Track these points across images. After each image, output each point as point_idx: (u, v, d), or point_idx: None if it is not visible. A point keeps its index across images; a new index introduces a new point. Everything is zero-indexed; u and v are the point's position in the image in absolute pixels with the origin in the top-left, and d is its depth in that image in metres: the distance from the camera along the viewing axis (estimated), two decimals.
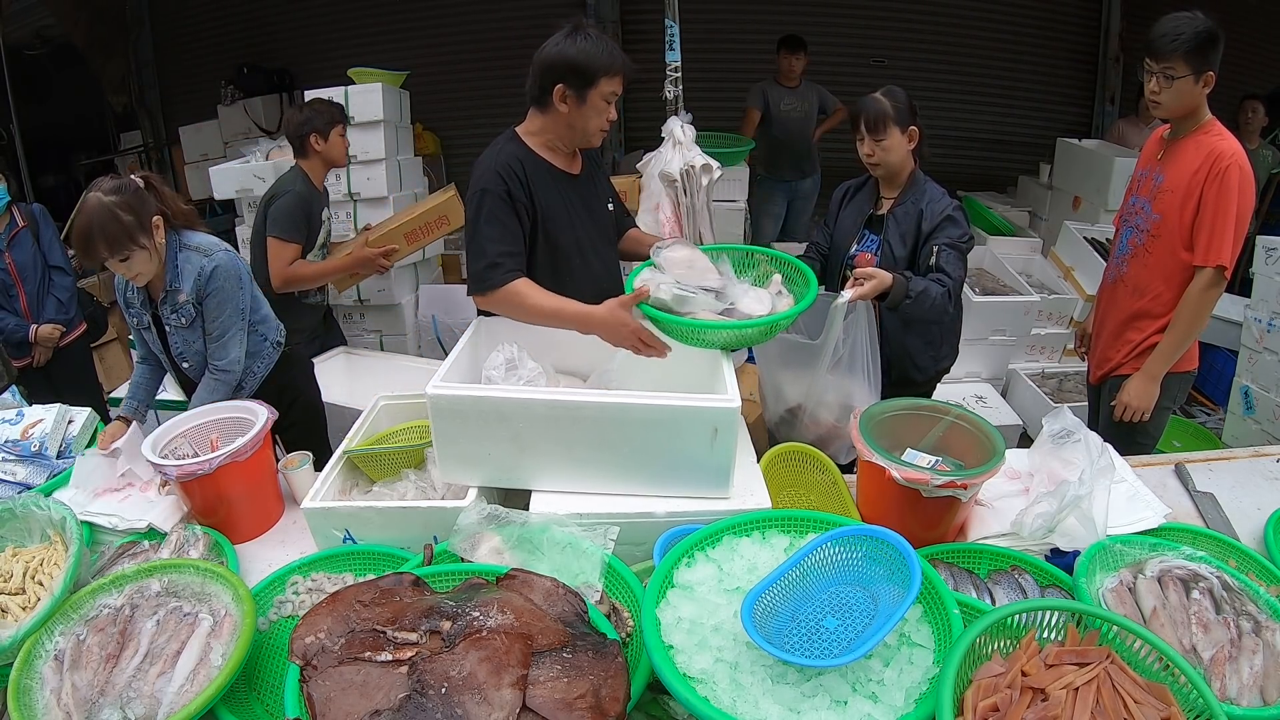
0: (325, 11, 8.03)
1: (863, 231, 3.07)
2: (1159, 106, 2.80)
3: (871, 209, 3.06)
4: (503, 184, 2.47)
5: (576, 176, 2.70)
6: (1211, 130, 2.78)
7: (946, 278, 2.74)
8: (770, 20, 7.37)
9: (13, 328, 3.99)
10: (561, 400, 2.02)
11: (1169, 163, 2.88)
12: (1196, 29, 2.62)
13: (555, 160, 2.63)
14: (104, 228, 2.44)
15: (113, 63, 8.52)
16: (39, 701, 1.61)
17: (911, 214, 2.90)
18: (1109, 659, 1.41)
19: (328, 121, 3.88)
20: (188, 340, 2.77)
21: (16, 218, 4.02)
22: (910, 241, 2.90)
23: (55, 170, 8.44)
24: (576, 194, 2.68)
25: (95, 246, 2.46)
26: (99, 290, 6.09)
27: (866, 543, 1.63)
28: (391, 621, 1.47)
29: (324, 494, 2.19)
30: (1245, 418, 4.36)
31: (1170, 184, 2.84)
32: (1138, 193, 3.03)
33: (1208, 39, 2.63)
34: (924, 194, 2.91)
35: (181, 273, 2.66)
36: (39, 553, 1.99)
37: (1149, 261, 2.94)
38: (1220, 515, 2.30)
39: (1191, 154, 2.78)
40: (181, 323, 2.73)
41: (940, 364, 3.17)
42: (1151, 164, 2.98)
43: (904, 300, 2.64)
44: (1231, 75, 7.27)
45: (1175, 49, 2.65)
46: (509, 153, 2.54)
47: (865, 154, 2.91)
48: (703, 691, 1.41)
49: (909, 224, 2.90)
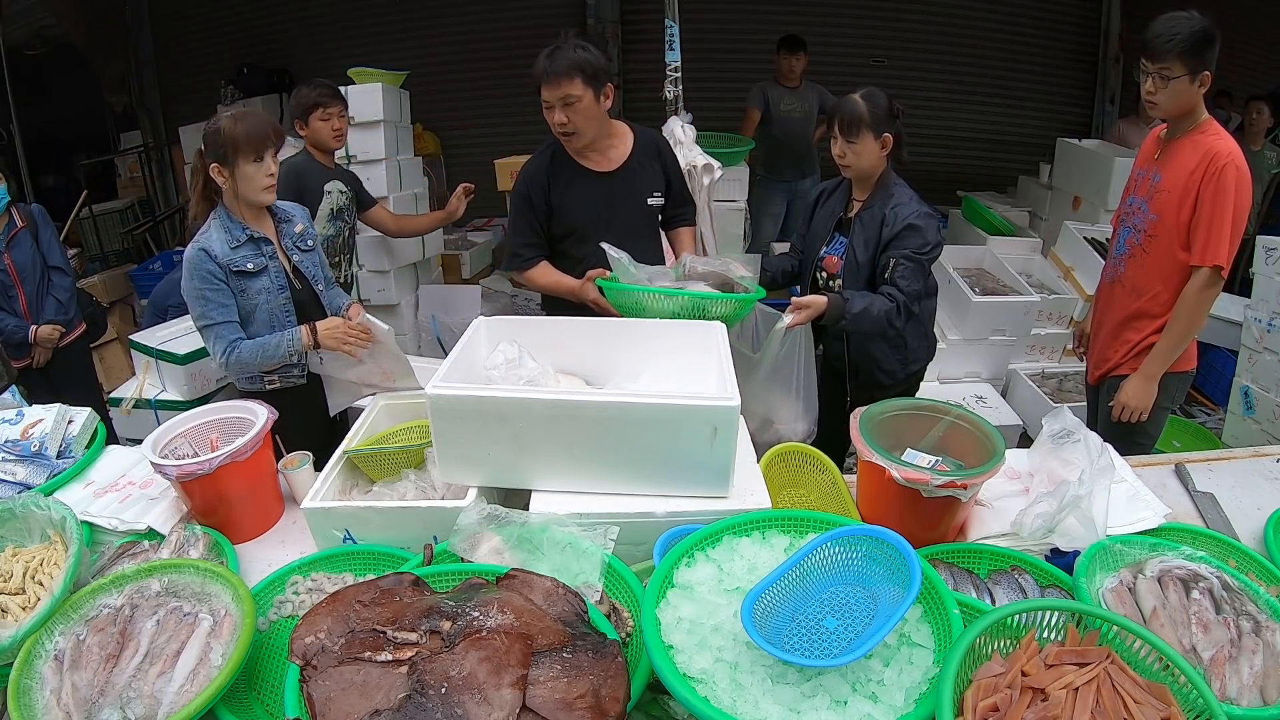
0: (325, 11, 8.04)
1: (833, 234, 3.10)
2: (1155, 107, 2.79)
3: (842, 212, 3.08)
4: (525, 187, 3.06)
5: (609, 174, 3.07)
6: (1208, 130, 2.77)
7: (898, 292, 2.80)
8: (770, 20, 7.38)
9: (12, 328, 3.98)
10: (561, 400, 2.02)
11: (1166, 163, 2.88)
12: (1193, 29, 2.61)
13: (584, 160, 3.05)
14: (272, 123, 2.69)
15: (113, 63, 8.53)
16: (39, 701, 1.61)
17: (876, 219, 2.91)
18: (1109, 659, 1.41)
19: (306, 108, 3.98)
20: (316, 264, 2.99)
21: (16, 218, 4.01)
22: (873, 247, 2.92)
23: (55, 170, 8.44)
24: (604, 189, 3.06)
25: (268, 135, 2.65)
26: (99, 291, 6.10)
27: (866, 543, 1.62)
28: (391, 621, 1.47)
29: (324, 494, 2.19)
30: (1245, 418, 4.36)
31: (1167, 184, 2.84)
32: (1135, 193, 3.03)
33: (1204, 39, 2.62)
34: (890, 198, 2.91)
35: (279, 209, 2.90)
36: (39, 553, 1.99)
37: (1146, 262, 2.94)
38: (1220, 515, 2.30)
39: (1188, 154, 2.78)
40: (308, 246, 2.96)
41: (910, 367, 3.20)
42: (1149, 164, 2.97)
43: (840, 321, 2.78)
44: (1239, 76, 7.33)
45: (1171, 49, 2.64)
46: (536, 160, 3.07)
47: (836, 154, 2.95)
48: (703, 691, 1.41)
49: (873, 229, 2.92)
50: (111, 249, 7.94)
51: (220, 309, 2.68)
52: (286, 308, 2.81)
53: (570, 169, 3.04)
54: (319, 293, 2.93)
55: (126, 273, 6.85)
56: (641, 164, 3.11)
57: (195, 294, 2.67)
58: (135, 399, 4.34)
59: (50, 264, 4.13)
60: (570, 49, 2.77)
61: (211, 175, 2.65)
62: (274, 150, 2.69)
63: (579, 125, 2.86)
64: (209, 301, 2.67)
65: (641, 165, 3.11)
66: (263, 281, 2.76)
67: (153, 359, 4.32)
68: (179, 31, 8.46)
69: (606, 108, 2.92)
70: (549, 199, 3.04)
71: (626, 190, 3.09)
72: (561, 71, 2.75)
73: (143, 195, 8.64)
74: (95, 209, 7.88)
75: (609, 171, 3.07)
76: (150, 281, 6.00)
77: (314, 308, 2.92)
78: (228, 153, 2.60)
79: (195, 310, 2.70)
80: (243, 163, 2.61)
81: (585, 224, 3.05)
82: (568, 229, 3.09)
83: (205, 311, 2.68)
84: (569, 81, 2.77)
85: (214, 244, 2.66)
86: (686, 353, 2.46)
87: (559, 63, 2.75)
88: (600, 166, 3.06)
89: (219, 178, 2.65)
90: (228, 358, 2.70)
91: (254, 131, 2.61)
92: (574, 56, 2.76)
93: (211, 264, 2.64)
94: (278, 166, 2.74)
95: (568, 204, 3.05)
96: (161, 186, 8.78)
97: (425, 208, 5.69)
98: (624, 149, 3.09)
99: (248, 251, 2.72)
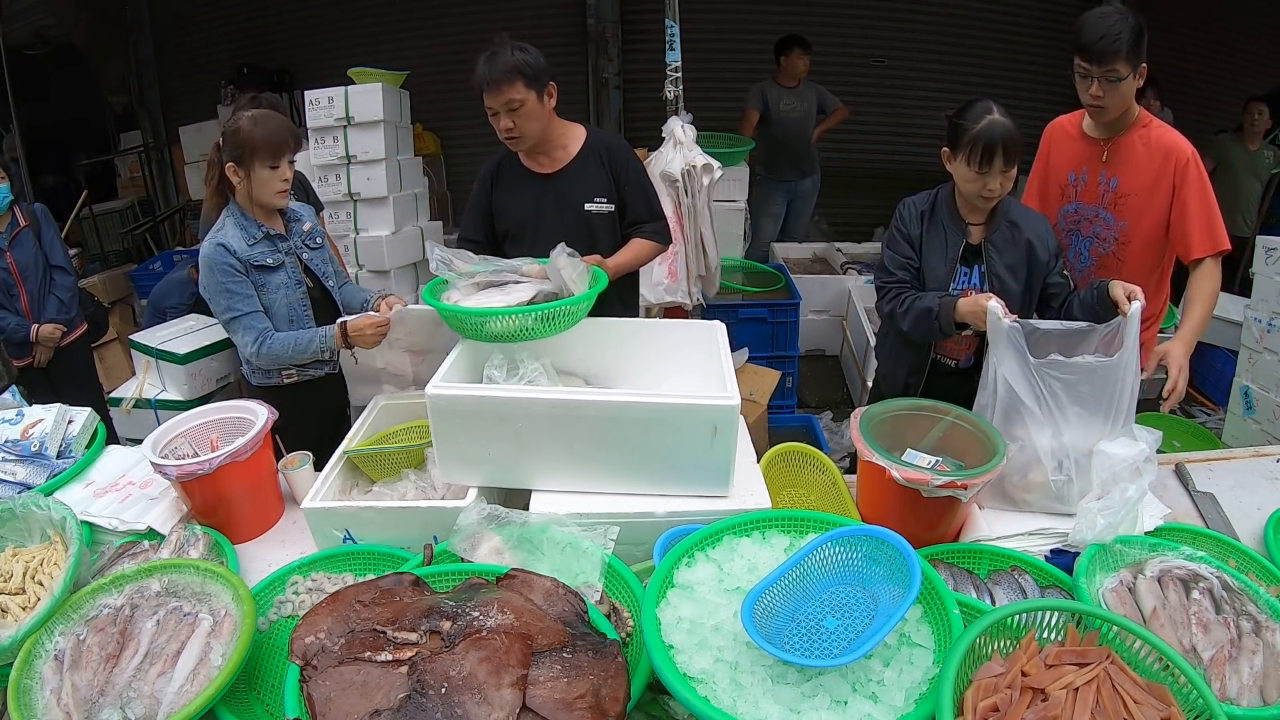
0: (325, 11, 8.04)
1: (958, 267, 2.67)
2: (1103, 111, 2.68)
3: (962, 239, 2.64)
4: (477, 182, 3.05)
5: (546, 176, 2.95)
6: (1149, 124, 2.73)
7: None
8: (770, 20, 7.37)
9: (14, 327, 3.99)
10: (562, 399, 2.02)
11: (1118, 165, 2.78)
12: (1132, 25, 2.52)
13: (529, 161, 2.96)
14: (291, 128, 2.69)
15: (113, 62, 8.53)
16: (39, 701, 1.61)
17: (1014, 242, 2.59)
18: (1109, 659, 1.41)
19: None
20: (325, 261, 2.96)
21: (18, 217, 4.01)
22: (1023, 273, 2.60)
23: (55, 170, 8.45)
24: (539, 191, 2.95)
25: (286, 141, 2.65)
26: (99, 290, 6.10)
27: (867, 543, 1.63)
28: (391, 621, 1.47)
29: (324, 494, 2.19)
30: (1245, 418, 4.36)
31: (1129, 187, 2.76)
32: (1080, 198, 2.90)
33: (1141, 33, 2.53)
34: (1019, 218, 2.62)
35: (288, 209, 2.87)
36: (39, 553, 1.99)
37: (1124, 270, 2.82)
38: (1220, 515, 2.30)
39: (1141, 154, 2.72)
40: (316, 244, 2.93)
41: None
42: (1092, 164, 2.85)
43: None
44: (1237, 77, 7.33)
45: (1116, 49, 2.52)
46: (495, 156, 3.03)
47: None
48: (703, 691, 1.41)
49: (1015, 255, 2.60)
50: (111, 249, 7.95)
51: (245, 300, 2.66)
52: (304, 302, 2.81)
53: (512, 169, 2.99)
54: (329, 289, 2.92)
55: (126, 273, 6.86)
56: (584, 167, 2.96)
57: (218, 289, 2.64)
58: (135, 399, 4.33)
59: (52, 263, 4.14)
60: (508, 52, 2.69)
61: (227, 174, 2.65)
62: (291, 155, 2.68)
63: (524, 129, 2.76)
64: (233, 294, 2.64)
65: (584, 169, 2.96)
66: (280, 277, 2.75)
67: (153, 359, 4.32)
68: (179, 31, 8.46)
69: (552, 107, 2.82)
70: (491, 196, 3.01)
71: (560, 194, 2.95)
72: (501, 77, 2.67)
73: (143, 195, 8.65)
74: (95, 209, 7.89)
75: (547, 174, 2.96)
76: (150, 281, 6.00)
77: (326, 305, 2.91)
78: (244, 154, 2.60)
79: (220, 305, 2.66)
80: (259, 166, 2.61)
81: (516, 225, 2.99)
82: (504, 229, 3.02)
83: (231, 304, 2.65)
84: (510, 86, 2.68)
85: (232, 240, 2.64)
86: (688, 352, 2.46)
87: (498, 67, 2.67)
88: (542, 168, 2.96)
89: (234, 177, 2.64)
90: (259, 348, 2.66)
91: (272, 136, 2.60)
92: (512, 60, 2.68)
93: (231, 259, 2.62)
94: (293, 171, 2.74)
95: (502, 204, 3.00)
96: (161, 186, 8.77)
97: (425, 207, 5.69)
98: (571, 151, 2.96)
99: (264, 248, 2.71)
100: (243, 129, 2.59)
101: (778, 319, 5.22)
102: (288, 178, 2.68)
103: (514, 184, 2.97)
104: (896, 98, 7.85)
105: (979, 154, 2.39)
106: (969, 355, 2.76)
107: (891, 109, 7.86)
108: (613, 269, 2.73)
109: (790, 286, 5.47)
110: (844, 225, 7.56)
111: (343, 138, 5.09)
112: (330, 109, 5.04)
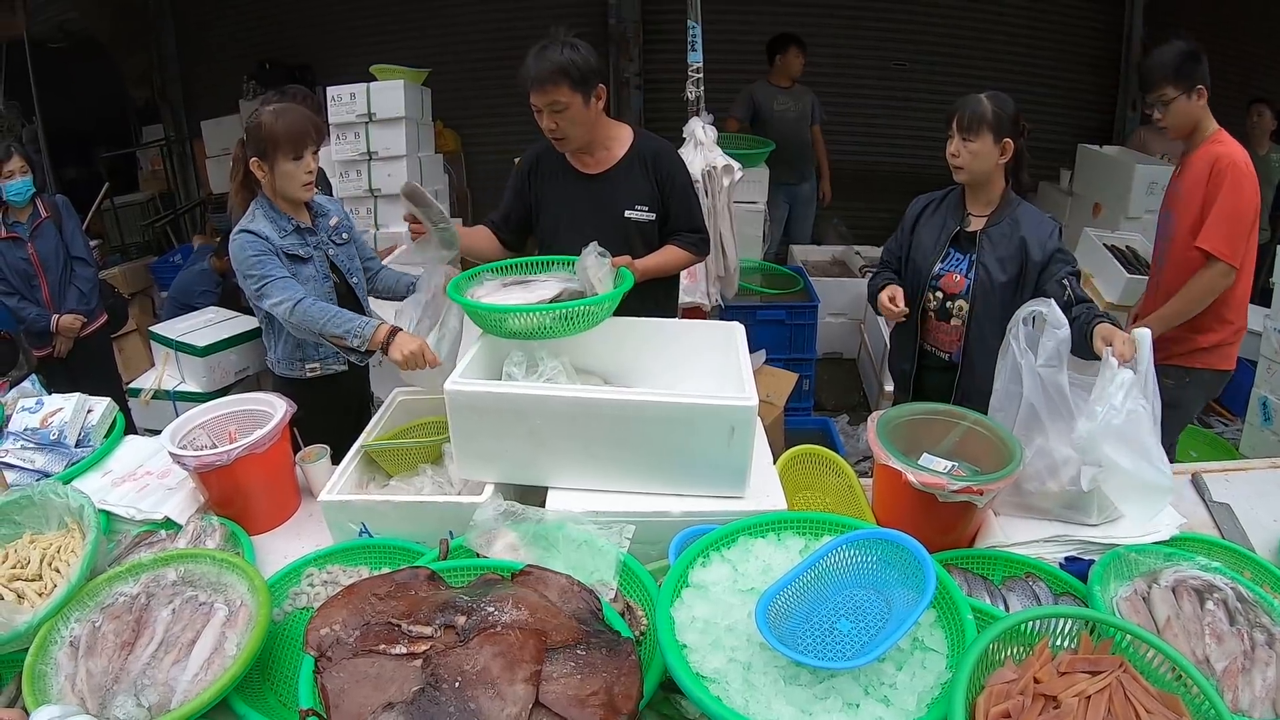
0: (347, 9, 8.07)
1: (948, 250, 2.85)
2: (1169, 130, 3.09)
3: (958, 226, 2.84)
4: (523, 164, 2.98)
5: (590, 177, 2.89)
6: (1217, 140, 3.01)
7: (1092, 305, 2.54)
8: (792, 22, 7.33)
9: (34, 317, 4.03)
10: (580, 397, 2.03)
11: (1183, 174, 3.12)
12: (1176, 52, 2.92)
13: (573, 158, 2.88)
14: (314, 120, 2.71)
15: (135, 56, 8.58)
16: (54, 687, 1.63)
17: (1010, 237, 2.73)
18: (1121, 668, 1.40)
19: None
20: (351, 257, 2.95)
21: (40, 208, 4.05)
22: (1012, 268, 2.72)
23: (77, 163, 8.50)
24: (578, 192, 2.89)
25: (308, 132, 2.67)
26: (119, 282, 6.14)
27: (881, 546, 1.62)
28: (406, 615, 1.48)
29: (340, 487, 2.20)
30: (1263, 428, 4.33)
31: (1183, 191, 3.09)
32: (1164, 205, 3.29)
33: (1188, 57, 2.92)
34: (1023, 217, 2.75)
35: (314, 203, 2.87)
36: (56, 540, 2.01)
37: (1167, 267, 3.19)
38: (1236, 526, 2.28)
39: (1199, 163, 3.01)
40: (342, 239, 2.91)
41: None
42: (1175, 175, 3.23)
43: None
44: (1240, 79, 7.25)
45: (1162, 75, 2.94)
46: (539, 145, 2.92)
47: (951, 153, 2.75)
48: (715, 691, 1.41)
49: (1008, 249, 2.73)
50: (132, 241, 8.01)
51: (278, 268, 2.62)
52: (331, 296, 2.79)
53: (556, 162, 2.90)
54: (354, 286, 2.91)
55: (147, 265, 6.92)
56: (628, 173, 2.87)
57: (251, 263, 2.60)
58: (154, 390, 4.38)
59: (73, 254, 4.17)
60: (557, 50, 2.59)
61: (251, 169, 2.66)
62: (314, 148, 2.68)
63: (567, 131, 2.69)
64: (265, 263, 2.60)
65: (627, 175, 2.87)
66: (310, 270, 2.75)
67: (172, 350, 4.36)
68: (202, 26, 8.50)
69: (599, 109, 2.73)
70: (528, 187, 2.95)
71: (600, 197, 2.86)
72: (546, 77, 2.58)
73: (164, 188, 8.70)
74: (116, 201, 7.94)
75: (591, 175, 2.88)
76: (170, 274, 6.05)
77: (351, 303, 2.85)
78: (267, 149, 2.60)
79: (253, 275, 2.60)
80: (282, 160, 2.61)
81: (550, 222, 2.93)
82: (544, 224, 2.96)
83: (264, 272, 2.59)
84: (554, 88, 2.59)
85: (263, 230, 2.64)
86: (707, 352, 2.46)
87: (544, 66, 2.58)
88: (586, 168, 2.88)
89: (258, 172, 2.65)
90: (294, 306, 2.55)
91: (294, 129, 2.61)
92: (560, 59, 2.57)
93: (264, 242, 2.62)
94: (318, 164, 2.74)
95: (542, 198, 2.94)
96: (183, 180, 8.82)
97: (445, 204, 5.71)
98: (615, 154, 2.87)
99: (295, 240, 2.72)
100: (264, 123, 2.60)
101: (796, 321, 5.22)
102: (311, 169, 2.68)
103: (554, 180, 2.92)
104: (918, 101, 7.81)
105: (948, 122, 2.74)
106: (958, 350, 2.91)
107: (913, 112, 7.81)
108: (641, 271, 2.68)
109: (809, 289, 5.47)
110: (863, 229, 7.51)
111: (364, 134, 5.13)
112: (352, 105, 5.08)
